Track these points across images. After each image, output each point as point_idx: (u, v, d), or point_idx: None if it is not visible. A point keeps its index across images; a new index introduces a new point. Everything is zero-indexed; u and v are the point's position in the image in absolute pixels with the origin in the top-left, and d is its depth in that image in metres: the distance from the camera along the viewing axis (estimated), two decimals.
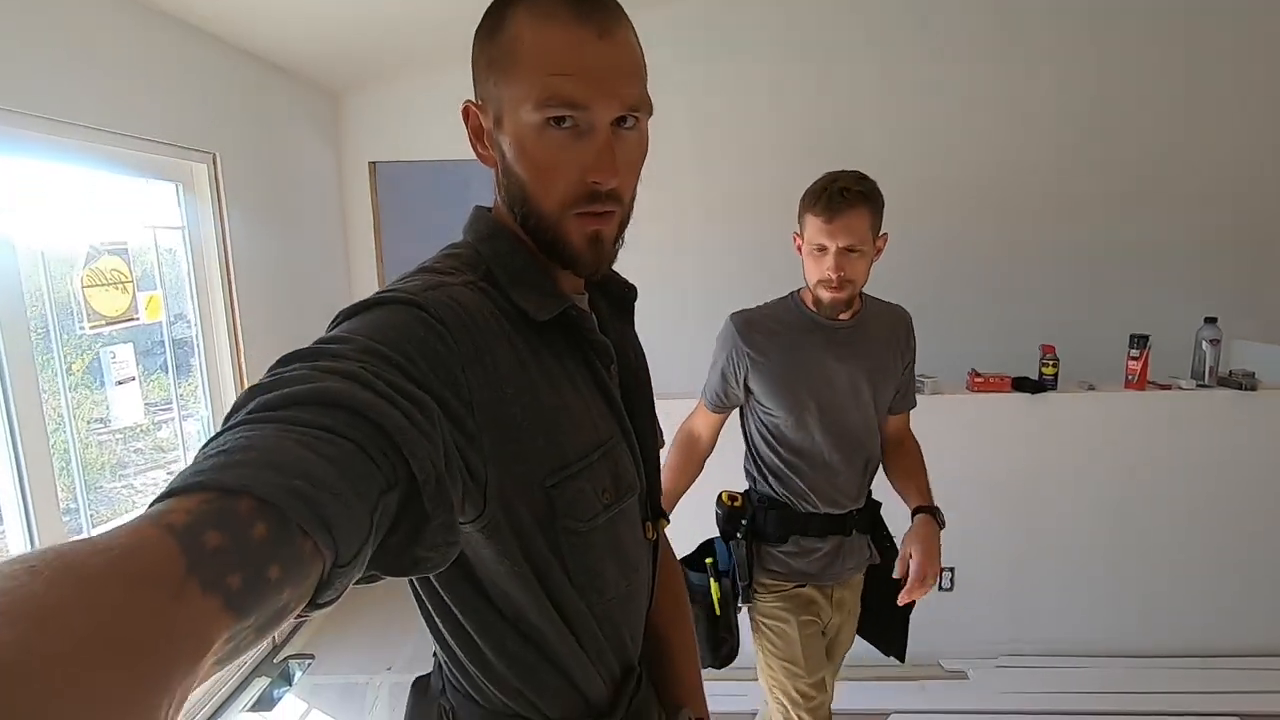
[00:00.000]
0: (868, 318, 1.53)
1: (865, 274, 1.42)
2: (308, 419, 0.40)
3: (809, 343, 1.49)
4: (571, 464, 0.65)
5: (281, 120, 3.20)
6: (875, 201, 1.38)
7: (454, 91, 3.77)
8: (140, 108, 2.30)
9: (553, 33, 0.60)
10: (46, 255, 2.04)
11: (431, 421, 0.49)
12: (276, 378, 0.45)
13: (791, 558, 1.56)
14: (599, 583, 0.70)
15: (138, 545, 0.30)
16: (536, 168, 0.64)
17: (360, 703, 2.58)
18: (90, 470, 3.30)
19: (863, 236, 1.37)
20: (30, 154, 1.98)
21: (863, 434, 1.53)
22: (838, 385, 1.48)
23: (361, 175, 3.73)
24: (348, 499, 0.38)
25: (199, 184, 2.65)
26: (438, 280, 0.62)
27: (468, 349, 0.58)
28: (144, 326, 2.40)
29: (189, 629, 0.29)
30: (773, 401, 1.50)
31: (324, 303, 3.56)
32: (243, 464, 0.36)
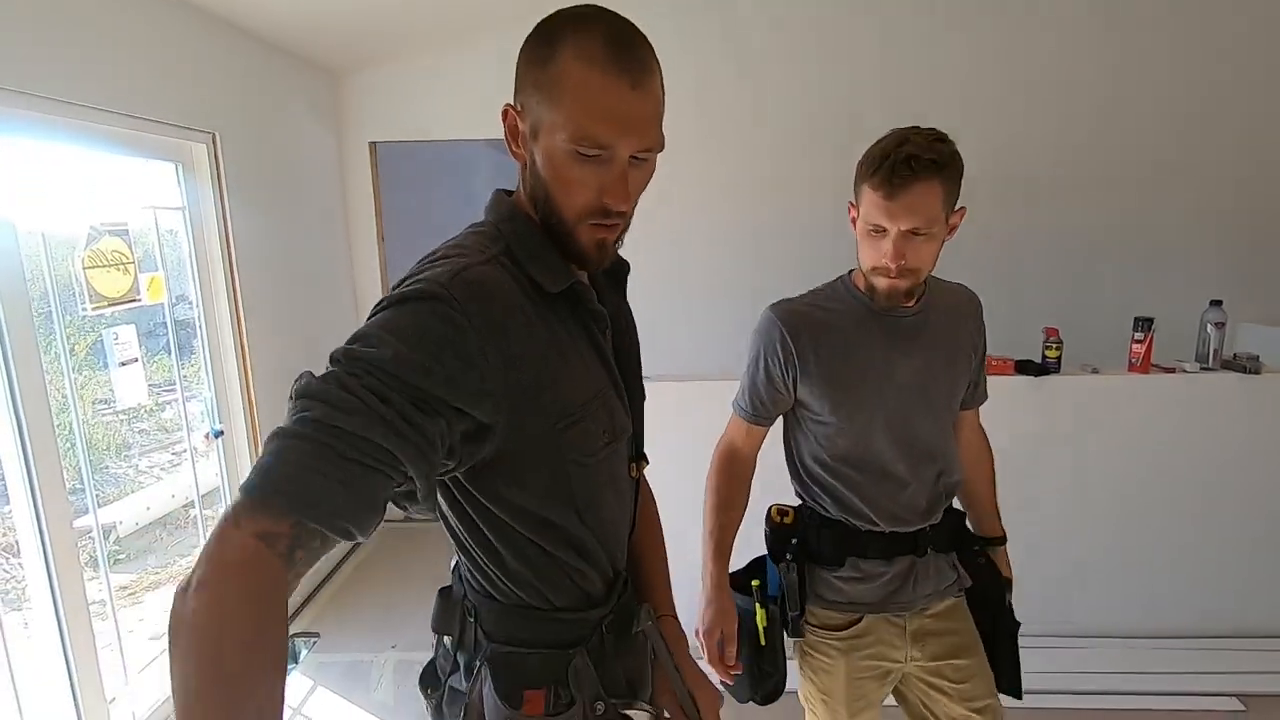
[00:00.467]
0: (933, 302, 1.28)
1: (933, 259, 1.17)
2: (351, 452, 0.62)
3: (867, 336, 1.24)
4: (574, 411, 0.79)
5: (281, 100, 3.17)
6: (950, 171, 1.11)
7: (454, 72, 3.76)
8: (139, 87, 2.29)
9: (593, 79, 0.71)
10: (47, 236, 2.03)
11: (431, 426, 0.67)
12: (337, 408, 0.63)
13: (849, 584, 1.30)
14: (598, 506, 0.86)
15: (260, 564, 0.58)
16: (561, 182, 0.76)
17: (365, 680, 2.62)
18: (95, 451, 3.32)
19: (931, 216, 1.10)
20: (29, 134, 1.97)
21: (934, 441, 1.29)
22: (903, 385, 1.24)
23: (362, 155, 3.70)
24: (362, 519, 0.63)
25: (199, 164, 2.64)
26: (462, 264, 0.73)
27: (486, 324, 0.71)
28: (146, 308, 2.40)
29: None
30: (825, 408, 1.26)
31: (326, 283, 3.56)
32: (304, 501, 0.60)
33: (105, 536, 2.46)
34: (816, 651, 1.34)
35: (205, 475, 2.76)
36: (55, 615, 1.94)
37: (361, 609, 3.11)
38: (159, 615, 3.10)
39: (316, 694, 2.56)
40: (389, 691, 2.54)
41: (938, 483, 1.30)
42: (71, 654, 1.97)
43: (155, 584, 3.32)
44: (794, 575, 1.30)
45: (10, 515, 1.92)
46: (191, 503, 2.95)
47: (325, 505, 0.60)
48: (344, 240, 3.75)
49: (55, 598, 1.93)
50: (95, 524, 2.21)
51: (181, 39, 2.50)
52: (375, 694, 2.54)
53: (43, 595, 1.93)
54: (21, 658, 1.91)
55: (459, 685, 0.88)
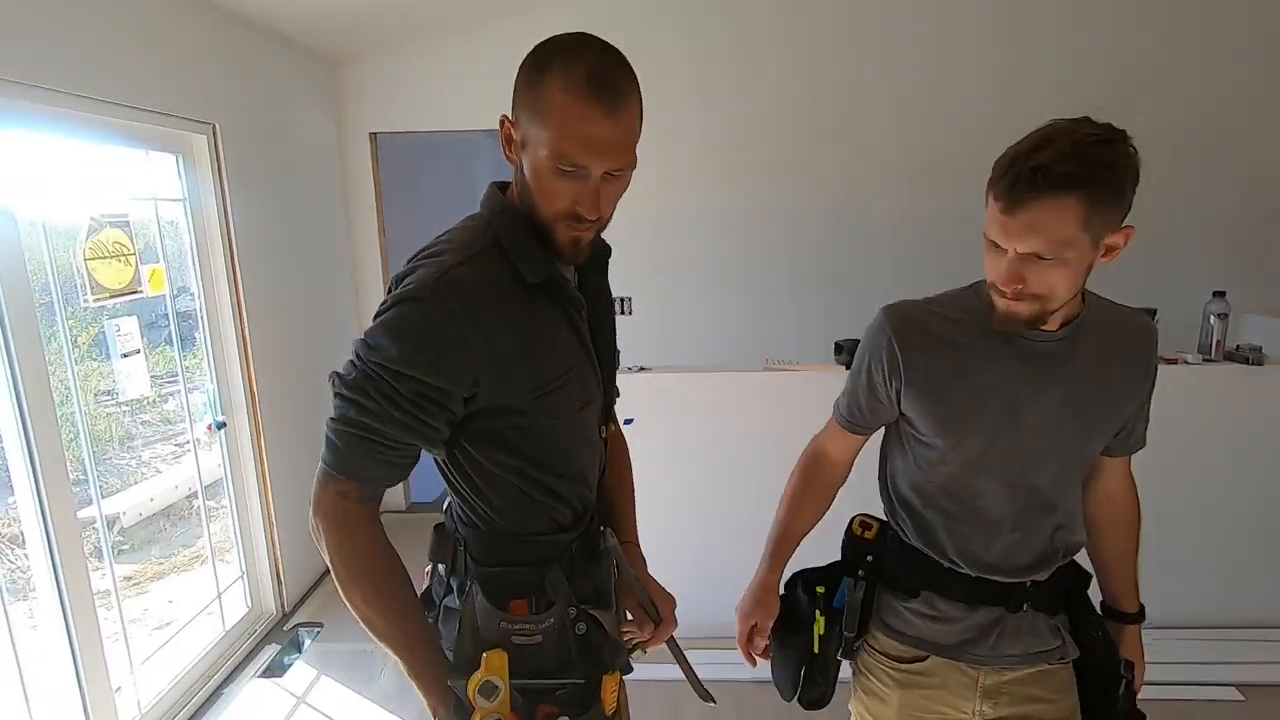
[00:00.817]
0: (1089, 327, 1.07)
1: (1069, 286, 0.96)
2: (375, 438, 0.89)
3: (991, 357, 1.06)
4: (550, 382, 0.95)
5: (281, 91, 3.16)
6: (1101, 185, 0.89)
7: (454, 62, 3.74)
8: (138, 78, 2.28)
9: (573, 107, 0.83)
10: (48, 228, 2.03)
11: (436, 417, 0.90)
12: (357, 401, 0.88)
13: (920, 619, 1.16)
14: (572, 459, 1.03)
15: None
16: (543, 190, 0.89)
17: (368, 669, 2.63)
18: (98, 442, 3.33)
19: (1060, 239, 0.90)
20: (28, 126, 1.97)
21: (1057, 490, 1.11)
22: (1029, 422, 1.06)
23: (362, 146, 3.69)
24: (393, 480, 0.93)
25: (199, 155, 2.63)
26: (449, 264, 0.89)
27: (469, 317, 0.87)
28: (148, 299, 2.40)
29: None
30: (931, 429, 1.10)
31: (326, 274, 3.56)
32: (348, 469, 0.90)
33: (109, 527, 2.47)
34: (871, 674, 1.22)
35: (208, 466, 2.77)
36: (60, 605, 1.95)
37: None
38: (163, 605, 3.13)
39: (320, 683, 2.58)
40: (392, 681, 2.56)
41: (1053, 537, 1.12)
42: (77, 644, 1.99)
43: (159, 574, 3.34)
44: (859, 595, 1.18)
45: (15, 506, 1.93)
46: (194, 494, 2.96)
47: (369, 475, 0.91)
48: (344, 231, 3.74)
49: (60, 588, 1.94)
50: (99, 515, 2.22)
51: (180, 29, 2.49)
52: (378, 683, 2.56)
53: (47, 586, 1.94)
54: (28, 648, 1.93)
55: (453, 604, 1.03)
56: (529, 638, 0.98)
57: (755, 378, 2.58)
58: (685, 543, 2.36)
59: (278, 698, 2.51)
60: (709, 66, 3.49)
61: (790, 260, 3.71)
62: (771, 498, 1.35)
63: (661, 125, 3.58)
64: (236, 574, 2.87)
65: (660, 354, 2.75)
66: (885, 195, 3.59)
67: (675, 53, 3.47)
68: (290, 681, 2.60)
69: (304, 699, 2.50)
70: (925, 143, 3.51)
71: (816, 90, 3.50)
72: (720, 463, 2.61)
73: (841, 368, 2.54)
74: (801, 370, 2.56)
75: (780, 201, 3.63)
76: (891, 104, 3.49)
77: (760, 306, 3.75)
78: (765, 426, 2.60)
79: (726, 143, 3.58)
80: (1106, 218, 0.91)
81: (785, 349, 2.89)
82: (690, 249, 3.70)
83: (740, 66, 3.50)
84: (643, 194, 3.85)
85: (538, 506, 1.01)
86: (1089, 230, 0.91)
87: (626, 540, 1.19)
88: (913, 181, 3.57)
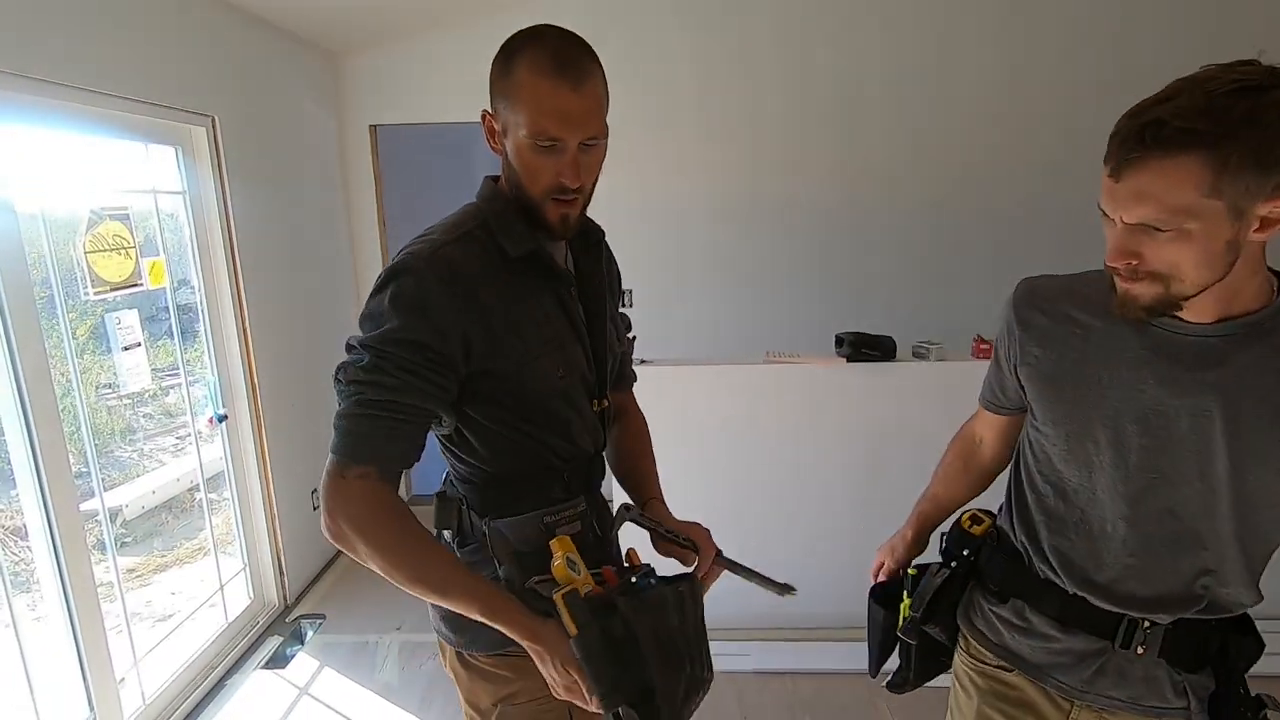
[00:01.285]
0: (1266, 326, 0.85)
1: (1199, 265, 0.79)
2: (397, 414, 0.92)
3: (1119, 347, 0.91)
4: (534, 352, 1.01)
5: (280, 83, 3.15)
6: (1235, 140, 0.72)
7: (454, 54, 3.72)
8: (136, 70, 2.27)
9: (542, 85, 0.91)
10: (48, 221, 2.03)
11: (447, 380, 0.95)
12: (369, 380, 0.91)
13: (1007, 628, 1.06)
14: (561, 422, 1.07)
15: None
16: (527, 169, 0.97)
17: (371, 661, 2.65)
18: (100, 435, 3.34)
19: (1179, 207, 0.75)
20: (26, 118, 1.96)
21: (1205, 525, 0.91)
22: (1160, 430, 0.90)
23: (362, 138, 3.68)
24: (412, 457, 0.96)
25: (198, 147, 2.63)
26: (440, 242, 0.97)
27: (460, 293, 0.94)
28: (148, 292, 2.40)
29: None
30: (1042, 415, 1.00)
31: (327, 267, 3.55)
32: (368, 451, 0.92)
33: (111, 520, 2.48)
34: (958, 675, 1.16)
35: (210, 459, 2.78)
36: (63, 598, 1.96)
37: (367, 591, 3.14)
38: (166, 598, 3.14)
39: (323, 674, 2.59)
40: (393, 672, 2.57)
41: (1195, 581, 0.93)
42: (80, 635, 2.00)
43: (162, 566, 3.35)
44: (936, 581, 1.13)
45: (17, 498, 1.94)
46: (196, 486, 2.97)
47: (391, 453, 0.93)
48: (345, 224, 3.74)
49: (63, 580, 1.95)
50: (101, 507, 2.23)
51: (179, 21, 2.48)
52: (380, 674, 2.57)
53: (50, 578, 1.95)
54: (32, 639, 1.94)
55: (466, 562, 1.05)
56: (570, 524, 1.06)
57: (755, 370, 2.58)
58: None
59: (280, 689, 2.53)
60: (707, 58, 3.48)
61: (791, 252, 3.70)
62: (772, 489, 1.37)
63: (660, 118, 3.58)
64: (239, 566, 2.89)
65: (660, 346, 2.75)
66: (886, 186, 3.58)
67: (674, 44, 3.45)
68: (293, 673, 2.61)
69: (306, 690, 2.51)
70: (926, 132, 3.49)
71: (816, 82, 3.48)
72: (721, 455, 2.62)
73: (842, 360, 2.54)
74: (802, 362, 2.56)
75: (780, 194, 3.62)
76: (892, 95, 3.48)
77: (760, 299, 3.75)
78: (765, 419, 2.61)
79: (726, 135, 3.56)
80: (1250, 181, 0.73)
81: (785, 341, 2.89)
82: (691, 242, 3.69)
83: (738, 58, 3.48)
84: (642, 186, 3.87)
85: (528, 454, 1.05)
86: (1221, 196, 0.74)
87: (651, 497, 1.23)
88: (914, 172, 3.55)
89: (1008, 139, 3.49)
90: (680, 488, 1.29)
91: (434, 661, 2.60)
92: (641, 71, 3.41)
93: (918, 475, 2.64)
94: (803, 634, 2.68)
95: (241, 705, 2.44)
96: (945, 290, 3.67)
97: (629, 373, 1.29)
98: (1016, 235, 3.59)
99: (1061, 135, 3.42)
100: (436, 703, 2.39)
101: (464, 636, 1.09)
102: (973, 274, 3.63)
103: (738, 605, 2.70)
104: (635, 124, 3.37)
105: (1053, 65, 3.42)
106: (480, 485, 1.07)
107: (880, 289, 3.70)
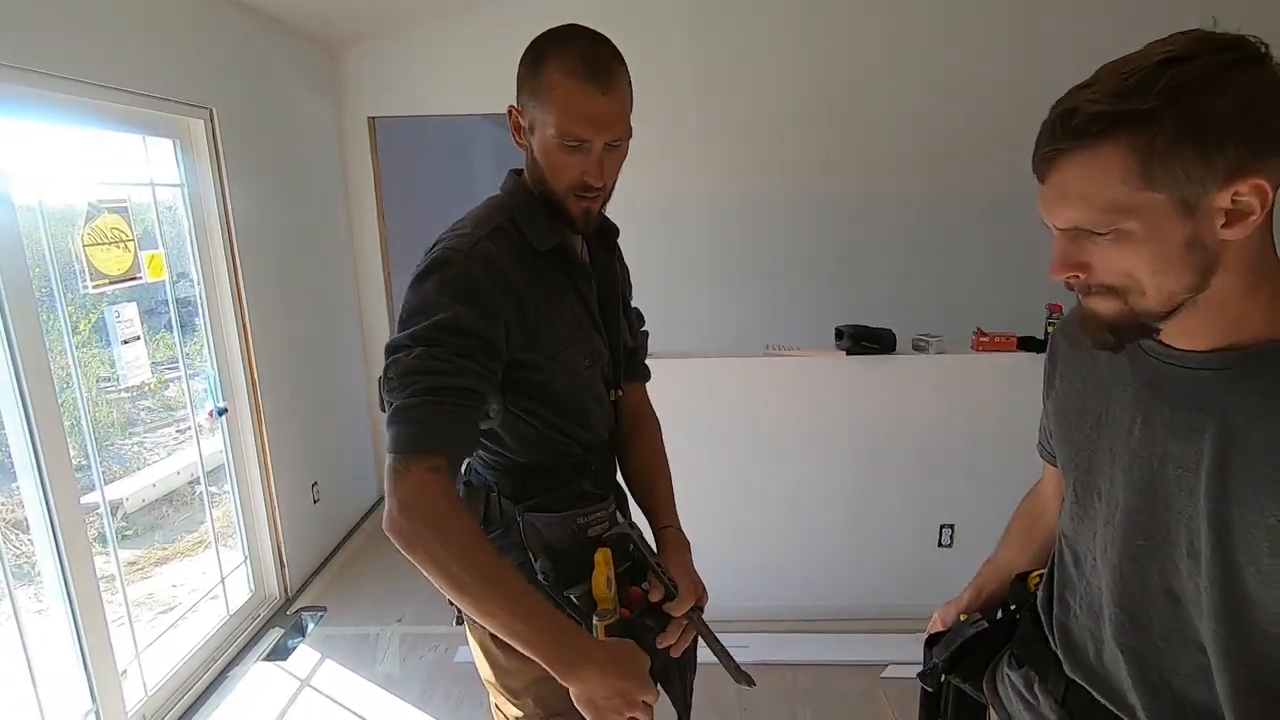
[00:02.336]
0: (1275, 360, 0.65)
1: (1157, 271, 0.64)
2: (460, 400, 0.91)
3: (1120, 379, 0.77)
4: (564, 342, 1.05)
5: (279, 75, 3.13)
6: (1165, 120, 0.59)
7: (454, 46, 3.70)
8: (134, 62, 2.26)
9: (572, 87, 0.94)
10: (46, 214, 2.02)
11: (496, 367, 0.96)
12: (426, 369, 0.90)
13: (1017, 698, 0.94)
14: (584, 412, 1.11)
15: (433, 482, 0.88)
16: (552, 166, 1.00)
17: (372, 653, 2.66)
18: (101, 428, 3.34)
19: (1108, 204, 0.63)
20: (23, 111, 1.95)
21: (1209, 616, 0.68)
22: (1152, 487, 0.72)
23: (361, 131, 3.67)
24: (475, 440, 0.99)
25: (196, 140, 2.62)
26: (475, 239, 0.99)
27: (500, 285, 0.97)
28: (147, 285, 2.39)
29: None
30: (1060, 462, 0.88)
31: (326, 260, 3.55)
32: (436, 439, 0.89)
33: (112, 513, 2.49)
34: None
35: (210, 452, 2.78)
36: (65, 590, 1.96)
37: (368, 583, 3.15)
38: (167, 590, 3.15)
39: (324, 666, 2.60)
40: (395, 664, 2.58)
41: (1191, 687, 0.72)
42: (82, 628, 2.00)
43: (163, 559, 3.36)
44: (968, 631, 1.02)
45: (18, 491, 1.94)
46: (197, 479, 2.97)
47: (461, 439, 0.93)
48: (344, 216, 3.73)
49: (65, 573, 1.95)
50: (102, 500, 2.23)
51: (177, 13, 2.46)
52: (381, 667, 2.58)
53: (52, 571, 1.95)
54: (34, 632, 1.94)
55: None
56: (601, 525, 1.08)
57: (756, 363, 2.58)
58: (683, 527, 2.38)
59: (282, 681, 2.54)
60: (711, 55, 3.46)
61: (790, 247, 3.69)
62: (772, 482, 1.37)
63: (664, 115, 3.57)
64: (240, 559, 2.89)
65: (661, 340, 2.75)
66: (886, 180, 3.57)
67: (677, 41, 3.43)
68: (294, 665, 2.62)
69: (308, 682, 2.52)
70: (925, 129, 3.48)
71: (816, 77, 3.47)
72: (720, 448, 2.62)
73: (841, 353, 2.54)
74: (802, 355, 2.57)
75: (780, 188, 3.61)
76: (892, 91, 3.46)
77: (760, 292, 3.74)
78: (765, 412, 2.61)
79: (727, 131, 3.55)
80: (1188, 166, 0.60)
81: (785, 334, 2.89)
82: (691, 236, 3.69)
83: (741, 55, 3.46)
84: (646, 183, 3.85)
85: (554, 444, 1.08)
86: (1156, 187, 0.61)
87: (666, 525, 1.20)
88: (913, 166, 3.54)
89: (1008, 132, 3.47)
90: (681, 480, 1.28)
91: (435, 653, 2.61)
92: (641, 65, 3.38)
93: (917, 468, 2.67)
94: (802, 625, 2.69)
95: (243, 697, 2.46)
96: (945, 283, 3.67)
97: (643, 367, 1.32)
98: (1017, 229, 3.58)
99: None
100: (437, 694, 2.40)
101: None
102: (973, 267, 3.63)
103: (737, 595, 2.71)
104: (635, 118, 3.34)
105: (1054, 59, 3.40)
106: (511, 471, 1.09)
107: (880, 282, 3.70)
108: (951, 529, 2.67)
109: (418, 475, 0.86)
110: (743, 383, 2.60)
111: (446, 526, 0.87)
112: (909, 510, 2.67)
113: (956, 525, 2.67)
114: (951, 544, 2.68)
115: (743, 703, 2.33)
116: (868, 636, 2.61)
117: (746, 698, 2.35)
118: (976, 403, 2.57)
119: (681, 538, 1.19)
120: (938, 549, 2.69)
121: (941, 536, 2.68)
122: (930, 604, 1.17)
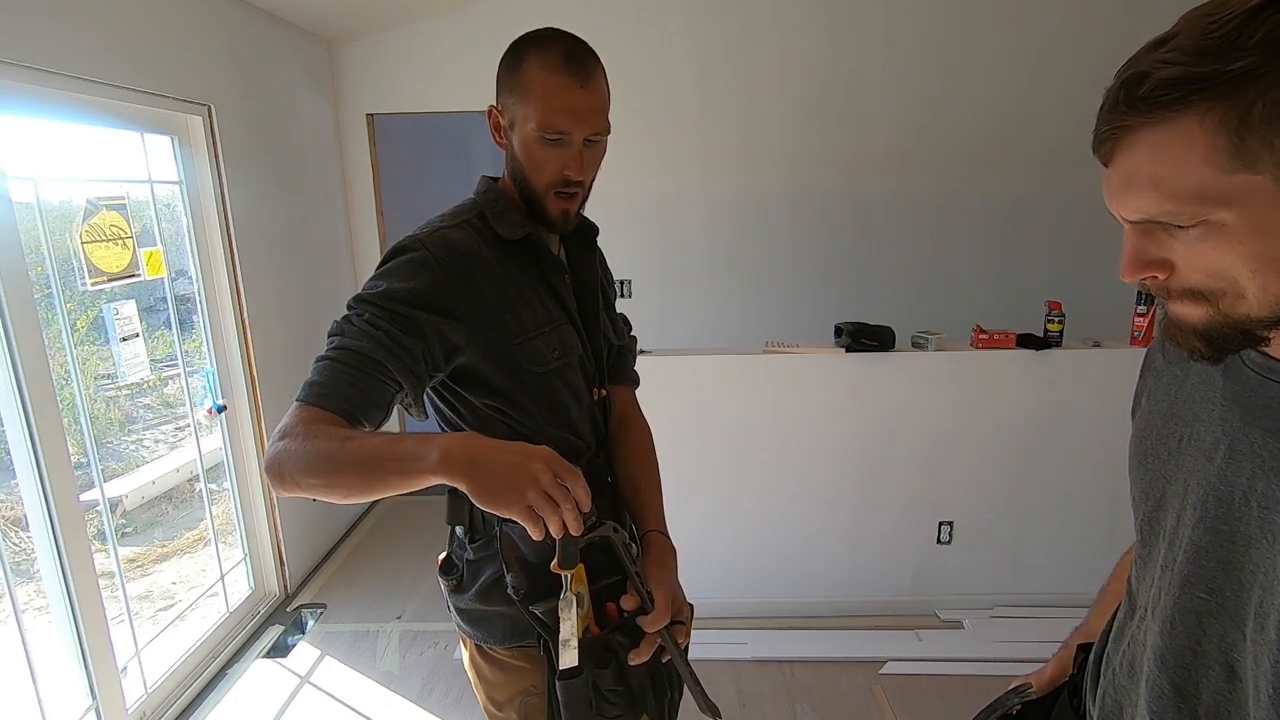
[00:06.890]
0: None
1: (1254, 269, 0.50)
2: (357, 365, 0.89)
3: (1208, 396, 0.63)
4: (529, 331, 1.04)
5: (277, 71, 3.13)
6: (1249, 82, 0.45)
7: (453, 42, 3.70)
8: (131, 58, 2.25)
9: (551, 80, 0.96)
10: (44, 211, 2.02)
11: (412, 343, 0.93)
12: (346, 336, 0.92)
13: None
14: (557, 406, 1.08)
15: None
16: (533, 161, 1.01)
17: (371, 649, 2.66)
18: (100, 425, 3.33)
19: (1187, 191, 0.49)
20: (20, 108, 1.95)
21: (1252, 695, 0.55)
22: (1229, 529, 0.57)
23: (360, 127, 3.66)
24: (372, 412, 0.90)
25: (194, 137, 2.61)
26: (438, 226, 1.02)
27: (454, 265, 0.98)
28: (145, 283, 2.39)
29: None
30: (1131, 496, 0.75)
31: (325, 256, 3.54)
32: (336, 396, 0.88)
33: (111, 510, 2.49)
34: None
35: (209, 449, 2.78)
36: (64, 587, 1.96)
37: (368, 580, 3.15)
38: (167, 587, 3.15)
39: (324, 663, 2.60)
40: (394, 661, 2.59)
41: None
42: (82, 625, 2.00)
43: (162, 556, 3.36)
44: (1012, 702, 0.92)
45: (17, 489, 1.94)
46: (196, 477, 2.97)
47: (346, 398, 0.88)
48: (343, 213, 3.73)
49: (64, 570, 1.95)
50: (101, 497, 2.23)
51: (175, 9, 2.46)
52: (381, 663, 2.59)
53: (51, 568, 1.95)
54: (34, 629, 1.94)
55: (471, 556, 1.08)
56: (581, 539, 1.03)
57: (755, 360, 2.58)
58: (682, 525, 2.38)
59: (281, 678, 2.54)
60: (707, 50, 3.45)
61: (789, 243, 3.69)
62: (771, 479, 1.36)
63: (661, 110, 3.56)
64: (239, 556, 2.89)
65: (660, 337, 2.75)
66: (886, 177, 3.57)
67: (674, 36, 3.43)
68: (294, 661, 2.62)
69: (307, 679, 2.53)
70: (924, 125, 3.48)
71: (815, 73, 3.47)
72: (720, 445, 2.62)
73: (841, 350, 2.54)
74: (801, 353, 2.56)
75: (779, 185, 3.61)
76: (891, 86, 3.46)
77: (760, 289, 3.74)
78: (765, 409, 2.61)
79: (725, 127, 3.55)
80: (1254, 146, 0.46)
81: (785, 331, 2.89)
82: (690, 233, 3.68)
83: (739, 51, 3.46)
84: (642, 178, 3.85)
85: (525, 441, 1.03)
86: (1253, 167, 0.47)
87: (651, 529, 1.17)
88: (912, 164, 3.54)
89: (1009, 129, 3.48)
90: (680, 477, 1.28)
91: (434, 650, 2.61)
92: (640, 62, 3.39)
93: (916, 465, 2.67)
94: (801, 622, 2.69)
95: (243, 694, 2.46)
96: (945, 281, 3.67)
97: (631, 370, 1.29)
98: (1017, 226, 3.58)
99: (1063, 124, 3.41)
100: (437, 691, 2.41)
101: (482, 630, 1.10)
102: (972, 265, 3.62)
103: (736, 591, 2.72)
104: (634, 114, 3.35)
105: (1056, 55, 3.40)
106: None
107: (880, 279, 3.70)
108: (950, 526, 2.68)
109: (300, 411, 0.86)
110: (742, 380, 2.60)
111: (298, 429, 0.83)
112: (908, 507, 2.67)
113: (955, 522, 2.67)
114: (950, 540, 2.68)
115: (742, 699, 2.34)
116: (867, 633, 2.61)
117: (745, 694, 2.35)
118: (976, 400, 2.57)
119: (666, 544, 1.14)
120: (936, 545, 2.69)
121: (940, 533, 2.68)
122: (929, 600, 1.17)
